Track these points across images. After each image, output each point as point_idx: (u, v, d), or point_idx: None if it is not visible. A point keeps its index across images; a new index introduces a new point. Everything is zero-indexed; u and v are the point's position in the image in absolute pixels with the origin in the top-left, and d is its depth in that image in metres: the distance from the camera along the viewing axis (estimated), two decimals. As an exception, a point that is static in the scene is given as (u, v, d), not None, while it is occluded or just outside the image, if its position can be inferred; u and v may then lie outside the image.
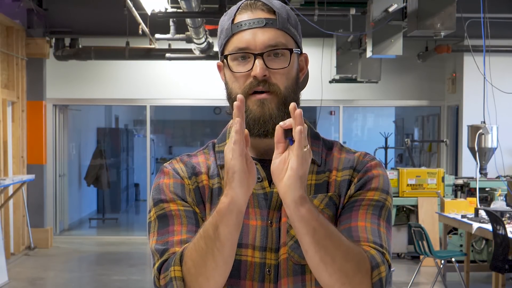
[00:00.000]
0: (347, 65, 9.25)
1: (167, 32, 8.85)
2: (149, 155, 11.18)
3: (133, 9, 7.25)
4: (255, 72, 1.45)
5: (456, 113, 10.73)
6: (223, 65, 1.53)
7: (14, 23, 9.09)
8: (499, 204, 7.21)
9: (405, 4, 6.42)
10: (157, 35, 8.97)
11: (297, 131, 1.29)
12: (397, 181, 8.74)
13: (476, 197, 7.68)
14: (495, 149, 7.33)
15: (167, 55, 9.54)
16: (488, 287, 7.16)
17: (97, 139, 13.79)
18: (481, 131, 7.21)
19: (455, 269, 7.05)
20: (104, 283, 7.79)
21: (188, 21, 7.61)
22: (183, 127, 16.40)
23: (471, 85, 9.74)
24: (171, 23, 8.66)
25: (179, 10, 7.74)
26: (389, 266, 1.43)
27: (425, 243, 6.76)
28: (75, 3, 9.65)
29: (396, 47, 7.01)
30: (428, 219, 8.53)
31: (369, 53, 7.21)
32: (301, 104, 1.53)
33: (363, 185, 1.51)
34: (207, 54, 9.39)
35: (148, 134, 11.19)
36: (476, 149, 7.22)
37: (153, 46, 9.41)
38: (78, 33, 9.78)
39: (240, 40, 1.47)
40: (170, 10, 7.81)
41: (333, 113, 13.50)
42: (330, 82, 10.14)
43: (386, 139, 11.83)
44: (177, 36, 8.83)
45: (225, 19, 1.53)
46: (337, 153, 1.57)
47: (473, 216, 7.01)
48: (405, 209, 8.96)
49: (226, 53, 1.50)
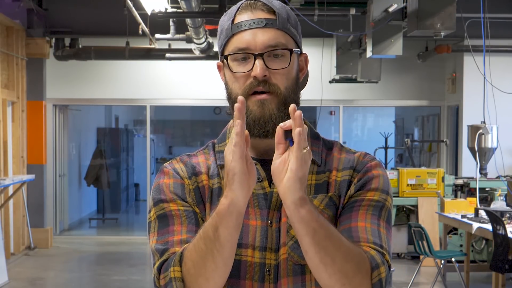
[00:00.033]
0: (347, 65, 9.25)
1: (167, 32, 8.85)
2: (149, 155, 11.18)
3: (133, 9, 7.24)
4: (255, 72, 1.45)
5: (456, 113, 10.72)
6: (223, 65, 1.53)
7: (14, 23, 9.09)
8: (499, 204, 7.21)
9: (405, 4, 6.42)
10: (157, 35, 8.96)
11: (296, 132, 1.29)
12: (397, 181, 8.74)
13: (476, 197, 7.68)
14: (495, 149, 7.33)
15: (167, 55, 9.54)
16: (488, 287, 7.16)
17: (97, 139, 13.79)
18: (481, 131, 7.21)
19: (455, 269, 7.04)
20: (104, 283, 7.78)
21: (188, 21, 7.61)
22: (183, 127, 16.40)
23: (471, 85, 9.74)
24: (171, 23, 8.66)
25: (179, 10, 7.74)
26: (389, 266, 1.43)
27: (425, 243, 6.76)
28: (75, 3, 9.65)
29: (396, 47, 7.01)
30: (428, 219, 8.53)
31: (369, 53, 7.21)
32: (301, 104, 1.53)
33: (363, 185, 1.51)
34: (207, 54, 9.39)
35: (148, 134, 11.19)
36: (476, 149, 7.22)
37: (153, 46, 9.41)
38: (78, 33, 9.78)
39: (240, 40, 1.47)
40: (170, 10, 7.81)
41: (333, 113, 13.49)
42: (330, 82, 10.14)
43: (386, 139, 11.83)
44: (177, 36, 8.83)
45: (225, 19, 1.52)
46: (337, 153, 1.57)
47: (473, 216, 7.00)
48: (405, 209, 8.96)
49: (226, 54, 1.49)
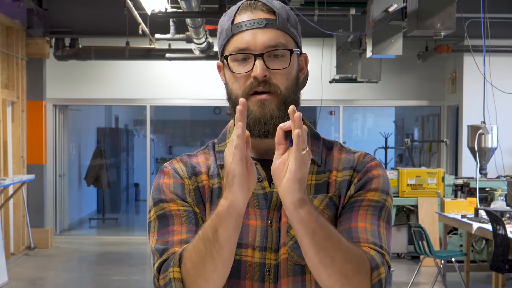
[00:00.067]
0: (347, 65, 9.25)
1: (167, 32, 8.85)
2: (149, 155, 11.18)
3: (133, 9, 7.24)
4: (256, 72, 1.45)
5: (456, 113, 10.72)
6: (223, 65, 1.53)
7: (14, 23, 9.09)
8: (499, 204, 7.20)
9: (405, 4, 6.42)
10: (157, 35, 8.96)
11: (295, 134, 1.29)
12: (397, 181, 8.74)
13: (476, 197, 7.68)
14: (495, 149, 7.33)
15: (167, 55, 9.54)
16: (488, 287, 7.16)
17: (97, 139, 13.79)
18: (481, 131, 7.21)
19: (455, 269, 7.04)
20: (104, 283, 7.78)
21: (188, 21, 7.61)
22: (183, 127, 16.40)
23: (471, 85, 9.74)
24: (171, 23, 8.66)
25: (179, 10, 7.74)
26: (388, 267, 1.43)
27: (425, 243, 6.76)
28: (75, 3, 9.65)
29: (396, 47, 7.01)
30: (428, 219, 8.52)
31: (369, 53, 7.21)
32: (301, 104, 1.53)
33: (363, 185, 1.51)
34: (207, 54, 9.39)
35: (148, 134, 11.19)
36: (476, 149, 7.22)
37: (153, 46, 9.41)
38: (78, 33, 9.78)
39: (240, 40, 1.47)
40: (170, 10, 7.81)
41: (333, 113, 13.49)
42: (330, 82, 10.14)
43: (386, 139, 11.83)
44: (177, 36, 8.83)
45: (225, 19, 1.52)
46: (337, 153, 1.57)
47: (473, 216, 7.00)
48: (405, 209, 8.96)
49: (226, 54, 1.49)
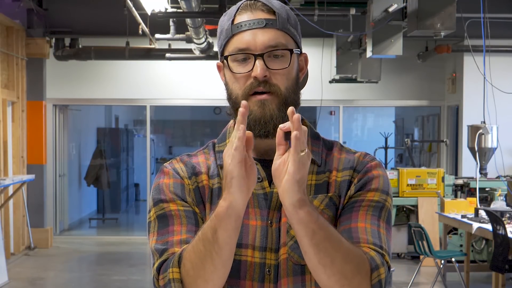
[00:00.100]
0: (347, 65, 9.25)
1: (167, 32, 8.85)
2: (149, 155, 11.18)
3: (133, 9, 7.24)
4: (256, 73, 1.45)
5: (456, 113, 10.72)
6: (223, 65, 1.52)
7: (14, 23, 9.09)
8: (499, 204, 7.20)
9: (405, 4, 6.42)
10: (157, 35, 8.96)
11: (293, 136, 1.28)
12: (397, 181, 8.74)
13: (476, 197, 7.68)
14: (495, 149, 7.33)
15: (167, 55, 9.54)
16: (488, 287, 7.16)
17: (97, 139, 13.79)
18: (481, 131, 7.21)
19: (455, 269, 7.04)
20: (104, 283, 7.78)
21: (188, 21, 7.61)
22: (183, 127, 16.40)
23: (471, 85, 9.74)
24: (171, 23, 8.66)
25: (179, 10, 7.74)
26: (388, 267, 1.43)
27: (425, 243, 6.76)
28: (75, 3, 9.65)
29: (396, 47, 7.01)
30: (428, 219, 8.52)
31: (369, 53, 7.21)
32: (301, 104, 1.53)
33: (363, 185, 1.51)
34: (207, 54, 9.39)
35: (148, 134, 11.19)
36: (476, 149, 7.22)
37: (153, 46, 9.41)
38: (78, 33, 9.78)
39: (240, 41, 1.47)
40: (170, 10, 7.81)
41: (333, 113, 13.49)
42: (330, 82, 10.14)
43: (386, 139, 11.84)
44: (177, 36, 8.82)
45: (224, 19, 1.52)
46: (337, 153, 1.57)
47: (473, 216, 7.00)
48: (405, 209, 8.96)
49: (226, 54, 1.49)
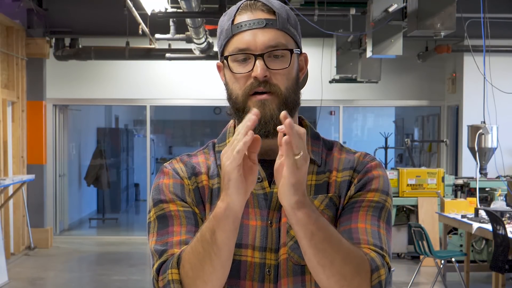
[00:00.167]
0: (347, 65, 9.25)
1: (167, 32, 8.85)
2: (149, 155, 11.18)
3: (133, 9, 7.24)
4: (256, 73, 1.44)
5: (456, 113, 10.73)
6: (223, 65, 1.52)
7: (14, 23, 9.09)
8: (499, 204, 7.20)
9: (405, 4, 6.42)
10: (157, 35, 8.96)
11: (283, 141, 1.26)
12: (397, 181, 8.74)
13: (476, 197, 7.68)
14: (495, 149, 7.33)
15: (167, 55, 9.54)
16: (488, 287, 7.16)
17: (97, 139, 13.79)
18: (481, 131, 7.21)
19: (455, 269, 7.04)
20: (104, 283, 7.78)
21: (188, 21, 7.60)
22: (183, 127, 16.40)
23: (471, 85, 9.74)
24: (171, 23, 8.66)
25: (179, 10, 7.74)
26: (389, 268, 1.43)
27: (425, 243, 6.76)
28: (75, 3, 9.65)
29: (396, 47, 7.01)
30: (428, 219, 8.52)
31: (369, 53, 7.21)
32: (301, 104, 1.53)
33: (363, 186, 1.50)
34: (207, 54, 9.39)
35: (148, 134, 11.19)
36: (476, 149, 7.22)
37: (153, 46, 9.41)
38: (78, 33, 9.78)
39: (240, 41, 1.47)
40: (170, 10, 7.81)
41: (333, 113, 13.49)
42: (330, 82, 10.14)
43: (386, 139, 11.84)
44: (177, 36, 8.82)
45: (224, 19, 1.52)
46: (337, 154, 1.57)
47: (473, 216, 7.00)
48: (405, 209, 8.96)
49: (226, 54, 1.49)
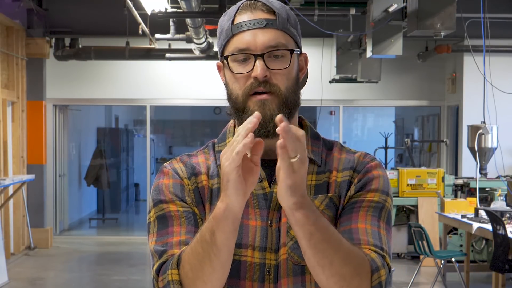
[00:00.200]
0: (347, 65, 9.25)
1: (167, 32, 8.85)
2: (149, 155, 11.18)
3: (133, 9, 7.24)
4: (256, 73, 1.44)
5: (456, 113, 10.72)
6: (223, 65, 1.52)
7: (14, 23, 9.09)
8: (499, 204, 7.20)
9: (405, 4, 6.42)
10: (157, 35, 8.96)
11: (278, 145, 1.26)
12: (397, 181, 8.74)
13: (476, 197, 7.68)
14: (495, 149, 7.33)
15: (167, 55, 9.54)
16: (488, 287, 7.16)
17: (97, 139, 13.79)
18: (481, 131, 7.21)
19: (455, 269, 7.04)
20: (104, 283, 7.78)
21: (188, 21, 7.60)
22: (183, 127, 16.40)
23: (471, 85, 9.74)
24: (171, 23, 8.66)
25: (179, 10, 7.74)
26: (389, 269, 1.43)
27: (425, 243, 6.76)
28: (75, 3, 9.64)
29: (396, 47, 7.01)
30: (428, 219, 8.52)
31: (369, 53, 7.20)
32: (301, 104, 1.53)
33: (363, 186, 1.50)
34: (207, 54, 9.39)
35: (148, 134, 11.19)
36: (476, 149, 7.22)
37: (153, 46, 9.41)
38: (78, 33, 9.78)
39: (240, 41, 1.46)
40: (170, 10, 7.81)
41: (333, 113, 13.49)
42: (330, 82, 10.14)
43: (386, 139, 11.84)
44: (177, 36, 8.82)
45: (224, 19, 1.51)
46: (337, 154, 1.57)
47: (473, 216, 7.00)
48: (405, 209, 8.95)
49: (226, 54, 1.49)
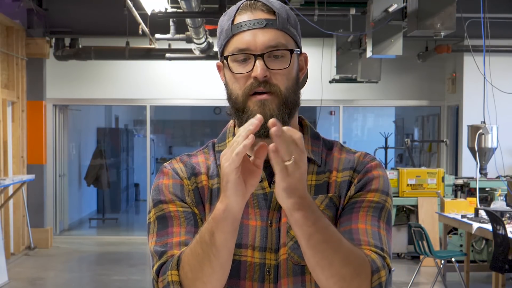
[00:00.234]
0: (347, 65, 9.25)
1: (167, 32, 8.85)
2: (149, 155, 11.18)
3: (133, 9, 7.24)
4: (256, 73, 1.44)
5: (456, 113, 10.72)
6: (223, 65, 1.52)
7: (14, 23, 9.09)
8: (499, 204, 7.20)
9: (405, 4, 6.42)
10: (157, 35, 8.96)
11: (270, 149, 1.25)
12: (397, 181, 8.74)
13: (476, 197, 7.68)
14: (495, 149, 7.33)
15: (167, 55, 9.54)
16: (488, 287, 7.16)
17: (97, 139, 13.79)
18: (481, 131, 7.21)
19: (455, 269, 7.04)
20: (104, 283, 7.78)
21: (188, 21, 7.60)
22: (183, 127, 16.40)
23: (471, 85, 9.74)
24: (171, 23, 8.66)
25: (179, 10, 7.74)
26: (389, 270, 1.43)
27: (425, 243, 6.76)
28: (75, 3, 9.64)
29: (396, 47, 7.01)
30: (428, 219, 8.52)
31: (369, 53, 7.20)
32: (301, 104, 1.53)
33: (363, 186, 1.50)
34: (207, 54, 9.39)
35: (148, 134, 11.19)
36: (476, 149, 7.22)
37: (153, 46, 9.40)
38: (78, 33, 9.78)
39: (240, 41, 1.46)
40: (170, 10, 7.81)
41: (333, 113, 13.49)
42: (330, 82, 10.14)
43: (386, 139, 11.83)
44: (177, 36, 8.82)
45: (224, 19, 1.51)
46: (337, 153, 1.57)
47: (473, 216, 7.00)
48: (405, 209, 8.95)
49: (226, 54, 1.49)
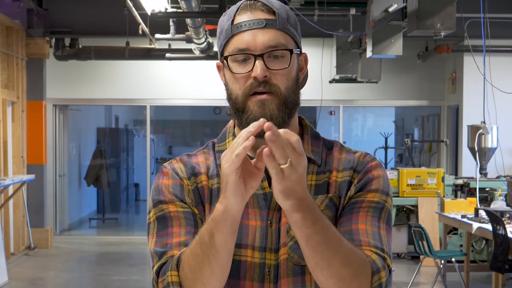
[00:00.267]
0: (347, 65, 9.25)
1: (167, 32, 8.85)
2: (149, 155, 11.18)
3: (133, 9, 7.24)
4: (256, 73, 1.44)
5: (456, 113, 10.73)
6: (223, 65, 1.52)
7: (14, 23, 9.09)
8: (499, 204, 7.20)
9: (405, 4, 6.42)
10: (157, 35, 8.96)
11: (263, 154, 1.25)
12: (397, 181, 8.74)
13: (476, 197, 7.68)
14: (495, 149, 7.33)
15: (167, 55, 9.54)
16: (488, 287, 7.16)
17: (97, 139, 13.79)
18: (481, 131, 7.21)
19: (455, 269, 7.04)
20: (104, 283, 7.78)
21: (188, 21, 7.60)
22: (183, 127, 16.40)
23: (471, 85, 9.74)
24: (171, 23, 8.66)
25: (179, 10, 7.74)
26: (389, 270, 1.43)
27: (425, 243, 6.76)
28: (75, 3, 9.64)
29: (396, 47, 7.01)
30: (428, 219, 8.52)
31: (369, 53, 7.20)
32: (301, 104, 1.53)
33: (363, 186, 1.50)
34: (207, 54, 9.39)
35: (148, 134, 11.19)
36: (476, 149, 7.22)
37: (153, 46, 9.40)
38: (78, 33, 9.78)
39: (240, 41, 1.46)
40: (170, 10, 7.81)
41: (333, 113, 13.49)
42: (330, 82, 10.14)
43: (386, 139, 11.83)
44: (177, 36, 8.82)
45: (224, 19, 1.51)
46: (337, 153, 1.57)
47: (473, 216, 7.00)
48: (405, 209, 8.95)
49: (226, 54, 1.48)
